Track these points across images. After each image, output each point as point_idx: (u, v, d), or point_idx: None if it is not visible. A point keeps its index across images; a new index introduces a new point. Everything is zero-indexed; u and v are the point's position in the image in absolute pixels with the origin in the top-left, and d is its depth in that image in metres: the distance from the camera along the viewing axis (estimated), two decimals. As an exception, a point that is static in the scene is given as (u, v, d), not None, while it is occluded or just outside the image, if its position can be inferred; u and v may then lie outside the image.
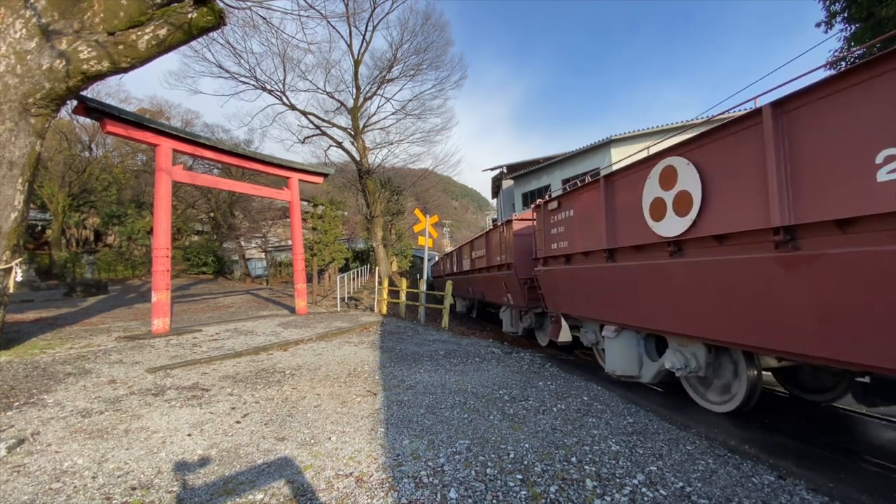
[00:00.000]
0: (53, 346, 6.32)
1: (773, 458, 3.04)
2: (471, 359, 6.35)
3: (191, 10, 6.07)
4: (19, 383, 4.46)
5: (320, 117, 19.11)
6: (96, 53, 5.63)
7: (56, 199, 21.44)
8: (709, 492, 2.50)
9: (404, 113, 20.32)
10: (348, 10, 16.71)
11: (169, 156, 8.41)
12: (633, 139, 15.32)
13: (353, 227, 29.56)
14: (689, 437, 3.39)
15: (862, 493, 2.58)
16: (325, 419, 3.64)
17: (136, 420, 3.56)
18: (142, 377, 4.89)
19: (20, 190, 5.50)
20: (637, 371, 4.85)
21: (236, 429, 3.41)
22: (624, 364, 4.88)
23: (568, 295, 5.99)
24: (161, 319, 7.80)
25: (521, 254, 7.64)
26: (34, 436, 3.20)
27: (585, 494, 2.44)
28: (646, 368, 4.80)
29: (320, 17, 9.99)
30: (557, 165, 18.53)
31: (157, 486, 2.49)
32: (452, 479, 2.59)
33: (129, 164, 26.10)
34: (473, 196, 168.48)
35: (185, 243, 27.39)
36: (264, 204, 26.17)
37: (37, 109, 5.54)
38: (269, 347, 6.72)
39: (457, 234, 71.97)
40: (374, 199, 19.07)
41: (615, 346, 4.97)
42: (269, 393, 4.40)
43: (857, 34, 9.02)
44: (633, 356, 4.87)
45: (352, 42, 17.87)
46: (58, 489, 2.44)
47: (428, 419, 3.66)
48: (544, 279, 6.56)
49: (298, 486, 2.50)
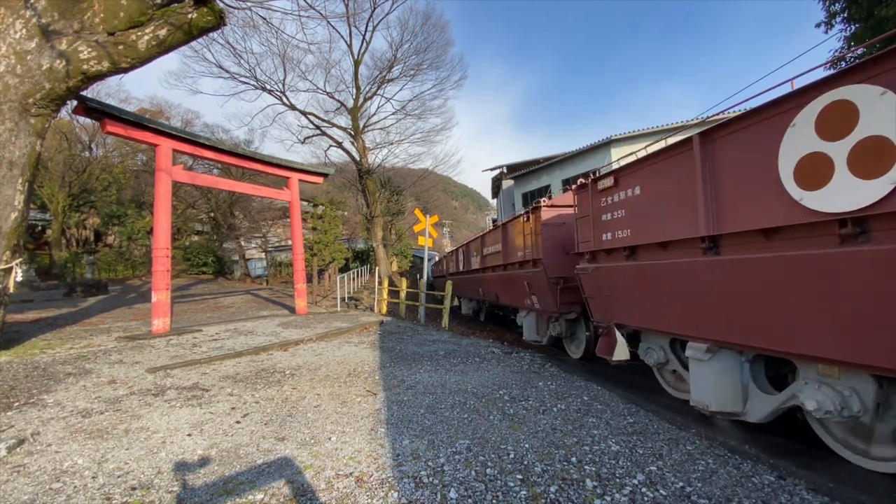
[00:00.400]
0: (53, 346, 6.32)
1: (773, 458, 3.05)
2: (471, 359, 6.35)
3: (191, 11, 6.08)
4: (19, 383, 4.46)
5: (320, 117, 19.14)
6: (96, 54, 5.63)
7: (56, 199, 21.46)
8: (709, 492, 2.50)
9: (404, 113, 20.36)
10: (348, 10, 16.73)
11: (169, 156, 8.41)
12: (633, 139, 15.33)
13: (353, 227, 29.57)
14: (689, 437, 3.39)
15: (862, 493, 2.58)
16: (325, 419, 3.64)
17: (136, 420, 3.56)
18: (142, 377, 4.89)
19: (20, 190, 5.50)
20: (740, 406, 3.58)
21: (236, 429, 3.41)
22: (721, 396, 3.61)
23: (629, 299, 4.63)
24: (161, 319, 7.81)
25: (551, 248, 6.43)
26: (34, 436, 3.20)
27: (585, 494, 2.44)
28: (755, 404, 3.53)
29: (320, 17, 10.00)
30: (557, 165, 18.55)
31: (157, 486, 2.49)
32: (452, 479, 2.59)
33: (129, 164, 26.11)
34: (473, 196, 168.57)
35: (185, 243, 27.40)
36: (264, 204, 26.19)
37: (37, 109, 5.54)
38: (269, 347, 6.72)
39: (457, 234, 72.01)
40: (374, 199, 19.08)
41: (708, 371, 3.68)
42: (269, 393, 4.40)
43: (857, 34, 9.02)
44: (733, 385, 3.61)
45: (352, 42, 17.90)
46: (58, 489, 2.44)
47: (428, 419, 3.66)
48: (592, 279, 5.18)
49: (298, 486, 2.50)
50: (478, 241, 10.76)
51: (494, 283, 9.58)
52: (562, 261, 6.28)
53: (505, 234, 8.43)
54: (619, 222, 4.55)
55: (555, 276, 6.37)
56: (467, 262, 12.11)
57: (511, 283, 8.34)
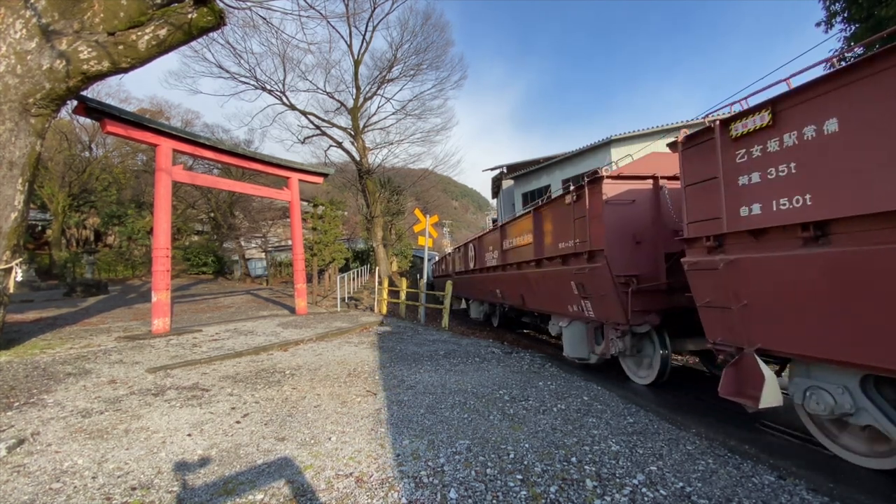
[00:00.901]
0: (53, 346, 6.32)
1: (773, 458, 3.04)
2: (471, 359, 6.35)
3: (191, 11, 6.08)
4: (19, 383, 4.46)
5: (320, 117, 19.15)
6: (96, 54, 5.63)
7: (56, 199, 21.46)
8: (709, 492, 2.50)
9: (404, 113, 20.38)
10: (348, 10, 16.74)
11: (169, 156, 8.41)
12: (632, 139, 15.33)
13: (353, 227, 29.57)
14: (689, 437, 3.39)
15: (862, 493, 2.58)
16: (325, 419, 3.64)
17: (136, 420, 3.56)
18: (142, 377, 4.89)
19: (20, 190, 5.50)
20: None
21: (236, 429, 3.41)
22: None
23: (795, 311, 3.00)
24: (161, 319, 7.81)
25: (617, 235, 4.91)
26: (34, 436, 3.20)
27: (585, 494, 2.44)
28: None
29: (320, 17, 10.00)
30: (557, 165, 18.53)
31: (157, 486, 2.49)
32: (452, 479, 2.59)
33: (129, 164, 26.12)
34: (473, 196, 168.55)
35: (185, 243, 27.40)
36: (264, 204, 26.19)
37: (37, 109, 5.54)
38: (270, 347, 6.72)
39: (457, 233, 71.99)
40: (374, 199, 19.08)
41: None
42: (269, 393, 4.40)
43: (857, 34, 9.03)
44: None
45: (352, 42, 17.90)
46: (58, 489, 2.45)
47: (428, 419, 3.66)
48: (718, 278, 3.50)
49: (298, 486, 2.50)
50: (495, 234, 9.17)
51: (519, 282, 8.02)
52: (632, 253, 4.87)
53: (538, 221, 6.88)
54: (783, 184, 2.96)
55: (624, 275, 4.80)
56: (479, 258, 10.57)
57: (547, 283, 6.77)
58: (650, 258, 4.78)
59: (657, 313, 4.80)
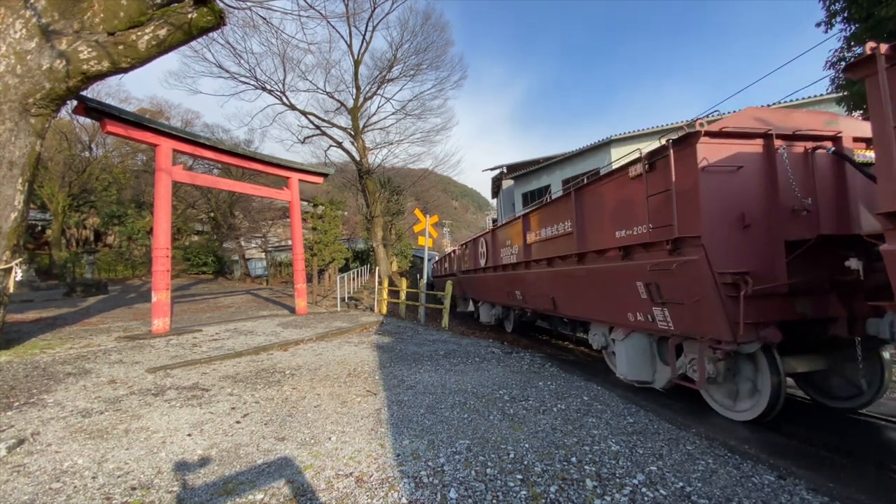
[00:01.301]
0: (53, 346, 6.32)
1: (773, 458, 3.04)
2: (471, 359, 6.35)
3: (191, 11, 6.08)
4: (19, 383, 4.46)
5: (320, 117, 19.14)
6: (96, 53, 5.63)
7: (56, 199, 21.46)
8: (709, 492, 2.50)
9: (404, 113, 20.36)
10: (348, 10, 16.72)
11: (169, 156, 8.41)
12: (633, 139, 15.32)
13: (353, 227, 29.57)
14: (689, 437, 3.39)
15: (862, 493, 2.58)
16: (325, 419, 3.64)
17: (136, 420, 3.56)
18: (142, 377, 4.89)
19: (20, 190, 5.50)
20: None
21: (236, 429, 3.41)
22: None
23: None
24: (161, 319, 7.81)
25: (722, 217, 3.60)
26: (34, 436, 3.20)
27: (585, 494, 2.44)
28: None
29: (320, 17, 10.00)
30: (557, 165, 18.53)
31: (157, 486, 2.49)
32: (452, 479, 2.59)
33: (129, 164, 26.11)
34: (473, 196, 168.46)
35: (185, 243, 27.40)
36: (264, 204, 26.19)
37: (37, 109, 5.54)
38: (269, 347, 6.72)
39: (457, 233, 72.00)
40: (374, 199, 19.08)
41: None
42: (269, 393, 4.40)
43: (857, 34, 9.02)
44: None
45: (352, 42, 17.89)
46: (58, 489, 2.45)
47: (428, 419, 3.66)
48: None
49: (298, 486, 2.50)
50: (516, 225, 7.82)
51: (550, 282, 6.58)
52: (740, 241, 3.60)
53: (580, 204, 5.52)
54: None
55: (731, 272, 3.45)
56: (493, 255, 9.20)
57: (595, 284, 5.33)
58: (765, 249, 3.57)
59: (776, 326, 3.49)
